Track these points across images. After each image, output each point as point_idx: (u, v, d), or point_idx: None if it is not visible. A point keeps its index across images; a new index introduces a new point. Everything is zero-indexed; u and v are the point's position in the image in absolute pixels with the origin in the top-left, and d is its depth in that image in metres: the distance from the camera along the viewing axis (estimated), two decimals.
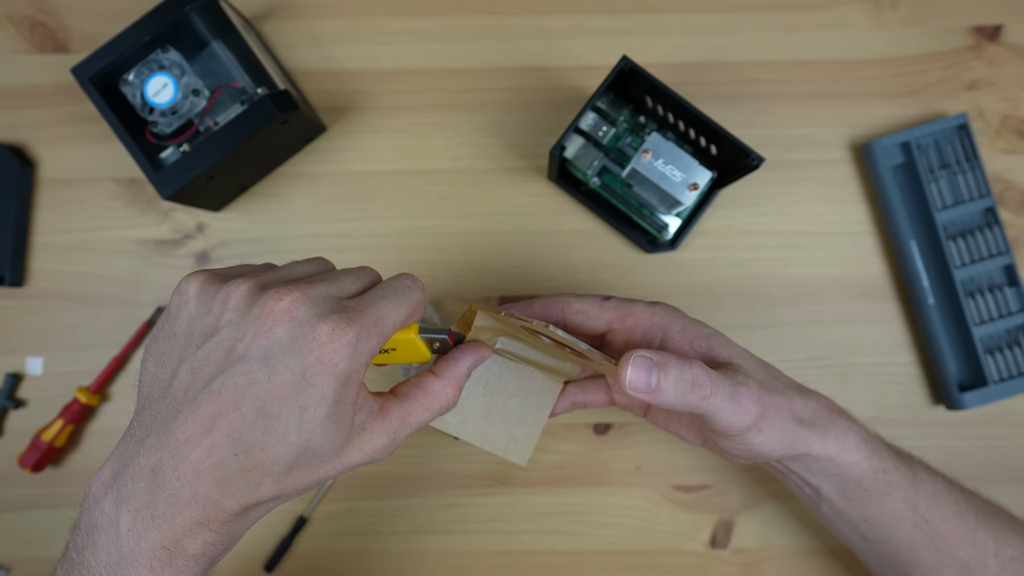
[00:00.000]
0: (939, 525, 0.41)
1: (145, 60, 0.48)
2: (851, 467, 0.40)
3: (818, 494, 0.42)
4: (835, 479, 0.40)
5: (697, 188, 0.46)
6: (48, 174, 0.54)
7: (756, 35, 0.55)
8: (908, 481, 0.41)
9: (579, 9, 0.55)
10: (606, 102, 0.50)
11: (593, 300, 0.41)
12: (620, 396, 0.45)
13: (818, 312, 0.54)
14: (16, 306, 0.54)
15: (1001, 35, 0.54)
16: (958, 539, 0.41)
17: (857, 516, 0.41)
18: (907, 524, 0.41)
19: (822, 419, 0.40)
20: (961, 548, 0.41)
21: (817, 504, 0.43)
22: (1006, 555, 0.41)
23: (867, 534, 0.42)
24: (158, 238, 0.54)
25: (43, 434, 0.51)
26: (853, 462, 0.40)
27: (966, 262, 0.52)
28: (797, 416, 0.38)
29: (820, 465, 0.40)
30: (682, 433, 0.44)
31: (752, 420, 0.36)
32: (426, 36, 0.55)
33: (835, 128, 0.54)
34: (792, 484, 0.43)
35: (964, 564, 0.41)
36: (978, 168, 0.52)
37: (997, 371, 0.51)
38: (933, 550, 0.41)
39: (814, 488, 0.42)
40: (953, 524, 0.41)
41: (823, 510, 0.43)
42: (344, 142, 0.55)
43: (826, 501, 0.42)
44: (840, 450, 0.39)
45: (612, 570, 0.53)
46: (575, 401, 0.45)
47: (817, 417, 0.40)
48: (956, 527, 0.41)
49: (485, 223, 0.54)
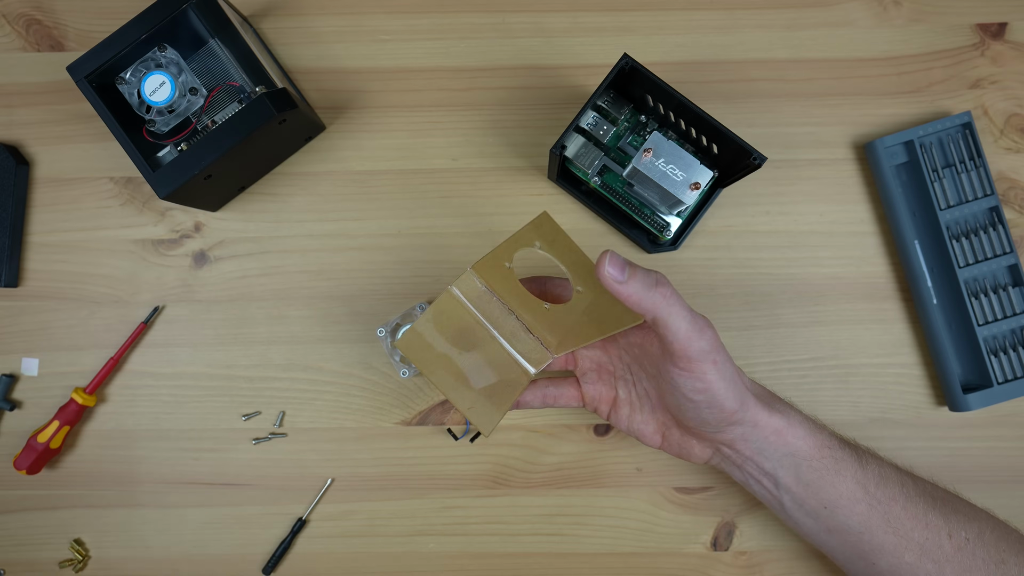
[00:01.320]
0: (891, 506, 0.42)
1: (142, 58, 0.48)
2: (797, 443, 0.42)
3: (776, 485, 0.43)
4: (788, 461, 0.42)
5: (698, 187, 0.45)
6: (44, 173, 0.54)
7: (758, 33, 0.55)
8: (855, 460, 0.43)
9: (580, 7, 0.55)
10: (607, 101, 0.50)
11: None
12: (589, 387, 0.46)
13: (820, 312, 0.53)
14: (11, 306, 0.54)
15: (1006, 32, 0.54)
16: (911, 520, 0.42)
17: (816, 505, 0.43)
18: (862, 506, 0.42)
19: (765, 396, 0.43)
20: (916, 530, 0.42)
21: (779, 499, 0.44)
22: (960, 537, 0.42)
23: (829, 524, 0.43)
24: (155, 238, 0.54)
25: (39, 435, 0.51)
26: (799, 437, 0.42)
27: (970, 262, 0.51)
28: (744, 383, 0.41)
29: (771, 445, 0.42)
30: (643, 430, 0.45)
31: (708, 344, 0.38)
32: (425, 34, 0.55)
33: (838, 127, 0.54)
34: (752, 481, 0.44)
35: (920, 546, 0.42)
36: (982, 167, 0.52)
37: (1001, 372, 0.51)
38: (892, 533, 0.42)
39: (772, 478, 0.43)
40: (904, 505, 0.43)
41: (785, 505, 0.44)
42: (343, 141, 0.54)
43: (785, 491, 0.43)
44: (787, 424, 0.42)
45: (613, 572, 0.52)
46: (545, 394, 0.46)
47: (761, 393, 0.43)
48: (908, 508, 0.43)
49: (485, 223, 0.54)
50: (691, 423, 0.42)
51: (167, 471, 0.53)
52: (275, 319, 0.53)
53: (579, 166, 0.49)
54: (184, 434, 0.53)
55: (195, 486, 0.53)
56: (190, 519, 0.53)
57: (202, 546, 0.53)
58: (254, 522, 0.53)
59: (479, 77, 0.55)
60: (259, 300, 0.54)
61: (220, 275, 0.54)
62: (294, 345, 0.53)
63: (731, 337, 0.53)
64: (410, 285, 0.53)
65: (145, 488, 0.53)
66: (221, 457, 0.53)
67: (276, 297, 0.53)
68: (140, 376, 0.53)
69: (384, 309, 0.53)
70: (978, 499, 0.50)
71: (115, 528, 0.53)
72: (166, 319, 0.54)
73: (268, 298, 0.54)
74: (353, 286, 0.54)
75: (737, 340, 0.53)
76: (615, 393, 0.46)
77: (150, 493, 0.53)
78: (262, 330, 0.53)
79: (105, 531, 0.53)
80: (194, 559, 0.53)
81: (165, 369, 0.53)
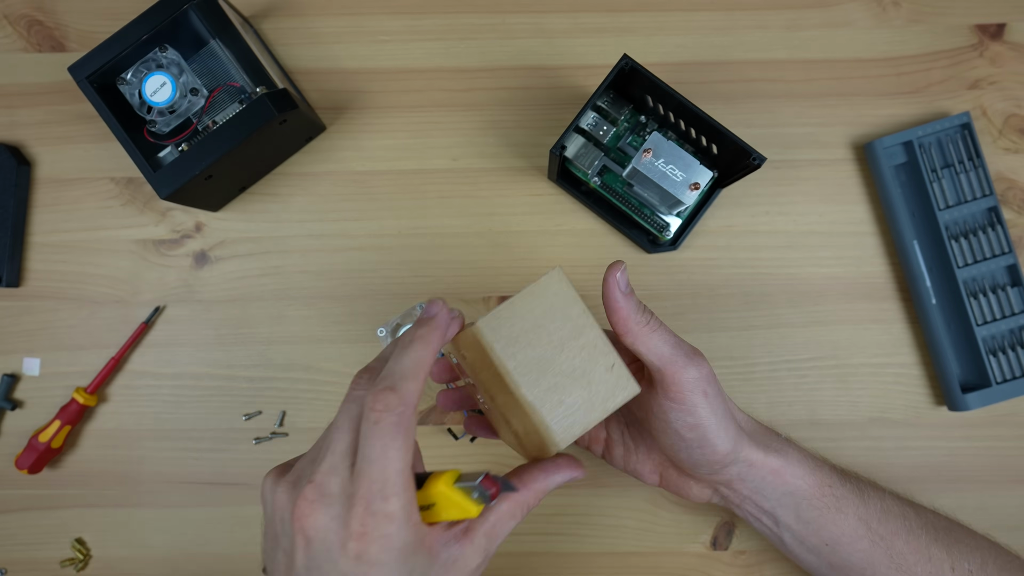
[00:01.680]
0: (894, 541, 0.42)
1: (143, 59, 0.48)
2: (796, 482, 0.41)
3: (776, 523, 0.42)
4: (787, 500, 0.41)
5: (698, 188, 0.46)
6: (45, 173, 0.54)
7: (757, 34, 0.55)
8: (856, 496, 0.42)
9: (580, 8, 0.55)
10: (607, 101, 0.50)
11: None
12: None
13: (820, 312, 0.53)
14: (13, 306, 0.54)
15: (1005, 33, 0.54)
16: (914, 555, 0.42)
17: (818, 542, 0.42)
18: (865, 542, 0.42)
19: (761, 434, 0.42)
20: (919, 564, 0.42)
21: (779, 536, 0.43)
22: (963, 569, 0.42)
23: (832, 560, 0.42)
24: (156, 238, 0.54)
25: (40, 435, 0.51)
26: (798, 476, 0.41)
27: (969, 262, 0.51)
28: (737, 421, 0.40)
29: (768, 485, 0.41)
30: (640, 470, 0.44)
31: (698, 373, 0.37)
32: (426, 35, 0.55)
33: (837, 127, 0.54)
34: (752, 519, 0.43)
35: None
36: (981, 167, 0.52)
37: (1000, 372, 0.51)
38: (895, 568, 0.42)
39: (771, 516, 0.42)
40: (907, 540, 0.42)
41: (786, 541, 0.43)
42: (343, 141, 0.54)
43: (786, 529, 0.42)
44: (784, 464, 0.41)
45: (613, 571, 0.53)
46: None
47: (756, 432, 0.42)
48: (910, 543, 0.42)
49: (485, 223, 0.54)
50: (685, 465, 0.41)
51: (168, 471, 0.53)
52: (275, 319, 0.53)
53: (579, 166, 0.49)
54: (185, 434, 0.53)
55: (196, 486, 0.53)
56: (191, 519, 0.53)
57: (203, 545, 0.53)
58: (255, 522, 0.53)
59: (479, 78, 0.55)
60: (259, 300, 0.54)
61: (221, 275, 0.54)
62: (294, 345, 0.53)
63: (731, 337, 0.53)
64: (410, 285, 0.54)
65: (146, 488, 0.53)
66: (222, 457, 0.53)
67: (276, 297, 0.54)
68: (141, 376, 0.53)
69: (384, 309, 0.53)
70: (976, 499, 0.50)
71: (116, 527, 0.53)
72: (167, 319, 0.54)
73: (268, 298, 0.54)
74: (353, 286, 0.54)
75: (737, 340, 0.53)
76: (605, 434, 0.45)
77: (151, 493, 0.53)
78: (262, 330, 0.54)
79: (106, 530, 0.53)
80: (195, 558, 0.53)
81: (166, 369, 0.53)
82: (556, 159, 0.48)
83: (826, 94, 0.54)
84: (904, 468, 0.52)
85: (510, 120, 0.54)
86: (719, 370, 0.53)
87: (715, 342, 0.53)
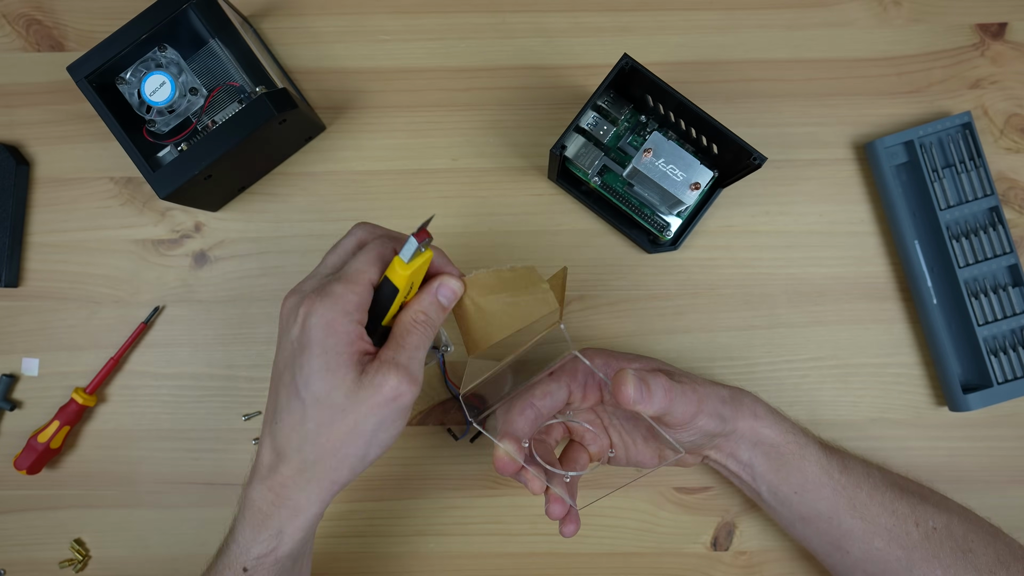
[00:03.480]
0: (856, 492, 0.44)
1: (142, 58, 0.48)
2: (765, 431, 0.45)
3: (754, 476, 0.45)
4: (759, 450, 0.45)
5: (698, 187, 0.45)
6: (44, 173, 0.54)
7: (758, 33, 0.55)
8: (818, 447, 0.45)
9: (580, 7, 0.55)
10: (607, 101, 0.50)
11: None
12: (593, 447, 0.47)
13: (820, 312, 0.53)
14: (12, 306, 0.54)
15: (1006, 33, 0.54)
16: (878, 507, 0.44)
17: (788, 491, 0.45)
18: (827, 490, 0.44)
19: (736, 398, 0.45)
20: (882, 516, 0.44)
21: (757, 490, 0.46)
22: (927, 526, 0.44)
23: (801, 511, 0.45)
24: (155, 238, 0.54)
25: (39, 435, 0.51)
26: (766, 426, 0.45)
27: (970, 262, 0.51)
28: (721, 397, 0.44)
29: (744, 438, 0.45)
30: (642, 460, 0.46)
31: (695, 407, 0.41)
32: (426, 34, 0.55)
33: (838, 127, 0.54)
34: (734, 478, 0.47)
35: (888, 532, 0.44)
36: (982, 167, 0.52)
37: (1001, 372, 0.51)
38: (859, 518, 0.44)
39: (749, 468, 0.45)
40: (870, 492, 0.44)
41: (763, 494, 0.46)
42: (343, 141, 0.54)
43: (761, 480, 0.45)
44: (754, 417, 0.45)
45: (613, 572, 0.52)
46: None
47: (733, 397, 0.45)
48: (873, 496, 0.44)
49: (485, 223, 0.54)
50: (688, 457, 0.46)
51: (167, 471, 0.53)
52: (275, 319, 0.53)
53: (579, 166, 0.49)
54: (184, 434, 0.53)
55: (195, 486, 0.53)
56: (190, 519, 0.53)
57: (202, 546, 0.53)
58: None
59: (479, 77, 0.55)
60: (259, 300, 0.54)
61: (220, 275, 0.54)
62: None
63: (731, 337, 0.53)
64: None
65: (145, 488, 0.53)
66: (221, 457, 0.53)
67: (276, 297, 0.53)
68: (140, 376, 0.53)
69: None
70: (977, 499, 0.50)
71: (115, 528, 0.53)
72: (166, 319, 0.54)
73: (268, 298, 0.54)
74: None
75: (737, 340, 0.53)
76: (609, 440, 0.47)
77: (150, 493, 0.53)
78: (262, 330, 0.53)
79: (105, 531, 0.53)
80: (194, 559, 0.53)
81: (165, 369, 0.53)
82: (556, 159, 0.48)
83: (827, 94, 0.54)
84: (905, 468, 0.52)
85: (510, 120, 0.54)
86: (719, 370, 0.53)
87: (715, 342, 0.53)
